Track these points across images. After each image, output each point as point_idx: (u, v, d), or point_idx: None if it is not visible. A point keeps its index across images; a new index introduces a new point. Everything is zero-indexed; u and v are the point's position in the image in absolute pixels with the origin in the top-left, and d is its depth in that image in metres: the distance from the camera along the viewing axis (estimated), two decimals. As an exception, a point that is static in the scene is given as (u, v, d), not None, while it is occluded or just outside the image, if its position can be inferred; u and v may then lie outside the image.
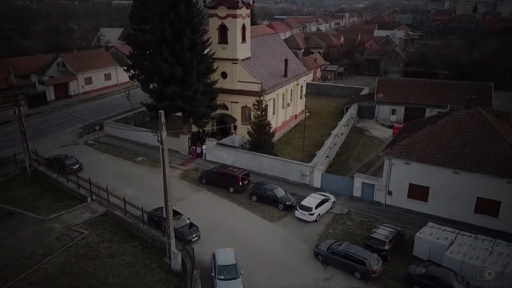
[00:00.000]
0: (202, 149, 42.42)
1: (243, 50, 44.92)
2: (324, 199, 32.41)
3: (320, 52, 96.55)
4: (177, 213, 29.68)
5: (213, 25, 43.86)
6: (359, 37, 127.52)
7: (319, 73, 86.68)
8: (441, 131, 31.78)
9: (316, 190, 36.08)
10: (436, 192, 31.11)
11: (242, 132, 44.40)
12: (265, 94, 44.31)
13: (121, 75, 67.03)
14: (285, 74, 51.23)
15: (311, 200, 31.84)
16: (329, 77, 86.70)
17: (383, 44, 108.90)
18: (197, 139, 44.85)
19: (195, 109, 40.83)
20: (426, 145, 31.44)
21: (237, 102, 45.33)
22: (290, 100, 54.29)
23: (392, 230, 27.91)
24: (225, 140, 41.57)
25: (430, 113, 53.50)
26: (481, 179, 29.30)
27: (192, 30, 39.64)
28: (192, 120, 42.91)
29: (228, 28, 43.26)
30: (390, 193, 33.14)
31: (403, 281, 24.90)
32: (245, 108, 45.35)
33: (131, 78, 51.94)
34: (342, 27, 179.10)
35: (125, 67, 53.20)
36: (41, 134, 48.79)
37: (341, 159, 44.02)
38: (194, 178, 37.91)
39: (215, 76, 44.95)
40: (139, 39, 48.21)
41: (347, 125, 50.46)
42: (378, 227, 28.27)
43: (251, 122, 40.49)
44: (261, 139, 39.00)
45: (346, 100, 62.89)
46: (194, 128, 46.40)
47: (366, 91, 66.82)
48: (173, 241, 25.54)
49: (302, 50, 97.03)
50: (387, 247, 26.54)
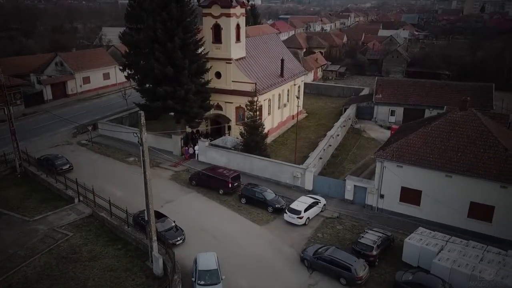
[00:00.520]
0: (194, 150, 41.91)
1: (237, 50, 44.33)
2: (314, 202, 31.74)
3: (322, 52, 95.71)
4: (162, 216, 29.25)
5: (207, 25, 43.33)
6: (363, 37, 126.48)
7: (320, 73, 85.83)
8: (434, 133, 30.95)
9: (308, 192, 35.45)
10: (429, 196, 30.29)
11: (236, 133, 43.85)
12: (259, 95, 43.65)
13: (120, 74, 66.26)
14: (281, 74, 50.56)
15: (300, 203, 31.18)
16: (330, 77, 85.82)
17: (386, 44, 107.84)
18: (190, 140, 44.39)
19: (187, 109, 40.31)
20: (419, 148, 30.64)
21: (231, 102, 44.75)
22: (287, 101, 53.60)
23: (380, 235, 27.16)
24: (217, 141, 41.03)
25: (429, 114, 52.48)
26: (474, 183, 28.44)
27: (184, 30, 39.16)
28: (184, 121, 42.32)
29: (222, 28, 42.70)
30: (382, 196, 32.38)
31: (390, 288, 24.22)
32: (239, 109, 44.75)
33: (127, 77, 51.71)
34: (347, 27, 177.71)
35: (121, 67, 52.96)
36: (35, 134, 48.65)
37: (335, 161, 43.28)
38: (185, 180, 37.41)
39: (209, 76, 44.45)
40: (134, 38, 47.88)
41: (344, 126, 49.65)
42: (367, 232, 27.53)
43: (243, 122, 39.88)
44: (254, 140, 38.37)
45: (345, 100, 62.04)
46: (188, 129, 45.99)
47: (366, 91, 65.93)
48: (155, 245, 25.03)
49: (304, 50, 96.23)
50: (374, 253, 25.82)
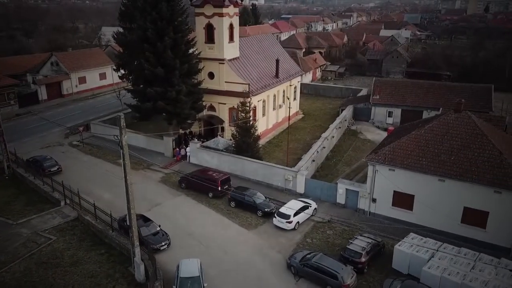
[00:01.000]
0: (186, 152, 41.26)
1: (230, 50, 43.65)
2: (304, 206, 31.00)
3: (321, 52, 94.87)
4: (147, 220, 28.64)
5: (199, 24, 42.69)
6: (364, 37, 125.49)
7: (319, 74, 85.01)
8: (427, 136, 30.14)
9: (300, 196, 34.75)
10: (422, 200, 29.47)
11: (230, 134, 43.14)
12: (252, 96, 43.03)
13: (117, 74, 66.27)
14: (277, 75, 49.82)
15: (290, 207, 30.46)
16: (329, 78, 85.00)
17: (387, 44, 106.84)
18: (183, 141, 43.75)
19: (178, 111, 39.69)
20: (412, 151, 29.84)
21: (224, 103, 44.08)
22: (283, 102, 52.87)
23: (370, 241, 26.40)
24: (209, 143, 40.37)
25: (427, 115, 51.55)
26: (468, 188, 27.61)
27: (175, 29, 38.54)
28: (176, 122, 41.68)
29: (214, 27, 42.04)
30: (374, 200, 31.60)
31: (378, 296, 23.48)
32: (232, 110, 44.07)
33: (121, 78, 51.16)
34: (348, 27, 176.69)
35: (114, 67, 52.46)
36: (27, 134, 48.20)
37: (330, 163, 42.52)
38: (175, 182, 36.77)
39: (202, 76, 43.83)
40: (128, 38, 47.32)
41: (339, 127, 48.86)
42: (356, 238, 26.78)
43: (235, 124, 39.18)
44: (245, 142, 37.67)
45: (342, 101, 61.24)
46: (182, 130, 45.36)
47: (364, 92, 65.05)
48: (137, 250, 24.38)
49: (303, 50, 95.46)
50: (363, 260, 25.07)
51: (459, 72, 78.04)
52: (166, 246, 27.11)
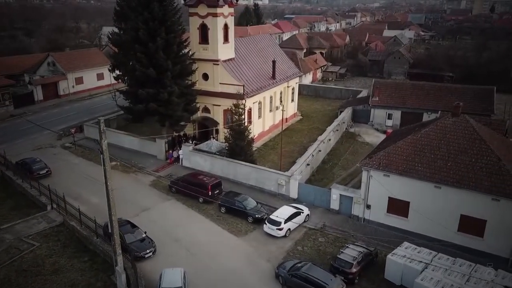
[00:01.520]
0: (179, 154, 40.43)
1: (225, 51, 42.74)
2: (296, 212, 30.08)
3: (322, 53, 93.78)
4: (133, 226, 27.83)
5: (193, 25, 41.81)
6: (367, 37, 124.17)
7: (319, 75, 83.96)
8: (424, 141, 29.10)
9: (293, 201, 33.83)
10: (417, 207, 28.44)
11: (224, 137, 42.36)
12: (247, 97, 42.12)
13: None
14: (273, 76, 48.88)
15: (281, 213, 29.54)
16: (330, 79, 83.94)
17: (390, 45, 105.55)
18: (177, 143, 42.92)
19: (170, 113, 38.87)
20: (407, 156, 28.82)
21: (219, 105, 43.20)
22: (280, 103, 51.89)
23: (362, 250, 25.41)
24: (201, 145, 39.52)
25: (427, 118, 50.49)
26: (465, 195, 26.56)
27: (167, 30, 37.70)
28: (168, 124, 40.87)
29: (209, 28, 41.15)
30: (368, 207, 30.60)
31: (369, 309, 22.51)
32: (227, 111, 43.17)
33: (116, 78, 50.42)
34: (351, 27, 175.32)
35: (109, 67, 51.72)
36: (20, 136, 47.58)
37: (326, 167, 41.53)
38: (165, 186, 35.89)
39: (196, 77, 43.00)
40: (122, 38, 46.57)
41: (337, 130, 47.84)
42: (347, 247, 25.79)
43: (228, 126, 38.28)
44: (239, 145, 36.76)
45: (341, 103, 60.19)
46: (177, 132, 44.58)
47: (364, 93, 63.94)
48: (119, 258, 23.53)
49: (304, 51, 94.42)
50: (354, 270, 24.09)
51: (462, 73, 76.72)
52: (151, 253, 26.27)
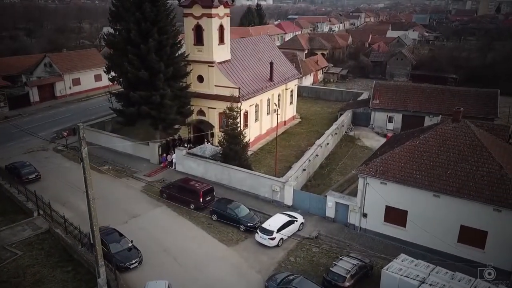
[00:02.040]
0: (172, 158, 39.44)
1: (220, 52, 41.71)
2: (289, 221, 28.99)
3: (324, 54, 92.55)
4: (119, 235, 26.81)
5: (188, 25, 40.83)
6: (370, 38, 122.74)
7: (320, 76, 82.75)
8: (422, 147, 27.91)
9: (288, 208, 32.75)
10: (415, 217, 27.28)
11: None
12: (243, 100, 41.09)
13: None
14: (271, 78, 47.80)
15: (274, 222, 28.47)
16: (331, 80, 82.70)
17: (393, 46, 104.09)
18: (172, 147, 41.92)
19: (163, 116, 37.89)
20: (405, 163, 27.64)
21: (214, 108, 42.16)
22: (278, 106, 50.77)
23: (356, 262, 24.28)
24: (195, 150, 38.50)
25: (429, 121, 49.25)
26: (465, 205, 25.39)
27: (160, 31, 36.72)
28: (161, 127, 39.88)
29: (203, 29, 40.13)
30: (365, 215, 29.45)
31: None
32: (222, 114, 42.05)
33: (111, 80, 49.53)
34: (354, 28, 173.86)
35: (104, 69, 50.86)
36: (13, 138, 46.68)
37: (323, 172, 40.39)
38: (157, 191, 34.87)
39: (191, 79, 42.01)
40: (116, 39, 45.69)
41: (336, 134, 46.66)
42: (341, 259, 24.64)
43: (222, 130, 37.20)
44: (233, 150, 35.69)
45: (341, 106, 59.00)
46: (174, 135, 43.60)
47: (365, 95, 62.65)
48: (102, 270, 22.59)
49: (306, 52, 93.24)
50: (347, 284, 22.98)
51: (466, 75, 75.21)
52: (136, 264, 25.25)
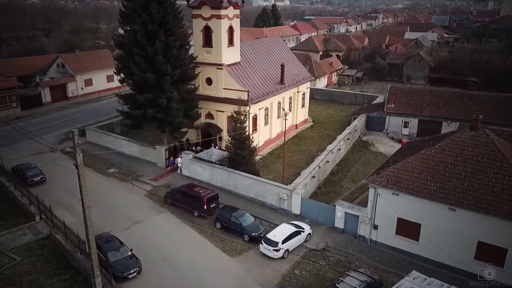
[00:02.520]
0: (178, 162, 38.61)
1: (230, 54, 40.72)
2: (296, 231, 27.75)
3: (339, 56, 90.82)
4: (119, 243, 26.00)
5: (197, 27, 39.97)
6: (387, 39, 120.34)
7: (335, 78, 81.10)
8: (438, 157, 26.34)
9: (295, 217, 31.52)
10: (429, 230, 25.73)
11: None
12: (252, 104, 40.04)
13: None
14: (281, 81, 46.60)
15: (279, 232, 27.28)
16: (346, 82, 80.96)
17: (410, 48, 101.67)
18: (179, 150, 41.09)
19: (169, 119, 37.09)
20: (419, 173, 26.12)
21: (223, 111, 41.18)
22: (289, 109, 49.56)
23: (364, 279, 22.89)
24: (202, 154, 37.58)
25: (447, 127, 47.45)
26: (483, 219, 23.74)
27: (167, 33, 35.92)
28: (168, 131, 39.10)
29: (212, 30, 39.22)
30: (375, 227, 28.01)
31: None
32: (231, 118, 41.12)
33: (121, 81, 49.08)
34: (371, 29, 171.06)
35: (114, 70, 50.44)
36: (22, 139, 46.55)
37: (334, 179, 39.01)
38: (161, 197, 34.07)
39: (199, 82, 41.15)
40: (126, 40, 45.17)
41: (348, 139, 45.16)
42: (348, 275, 23.30)
43: (230, 135, 36.16)
44: (239, 155, 34.64)
45: (355, 109, 57.40)
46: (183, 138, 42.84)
47: (380, 99, 60.89)
48: (98, 280, 21.81)
49: (320, 53, 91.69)
50: (354, 302, 21.66)
51: (486, 78, 72.54)
52: (135, 274, 24.38)
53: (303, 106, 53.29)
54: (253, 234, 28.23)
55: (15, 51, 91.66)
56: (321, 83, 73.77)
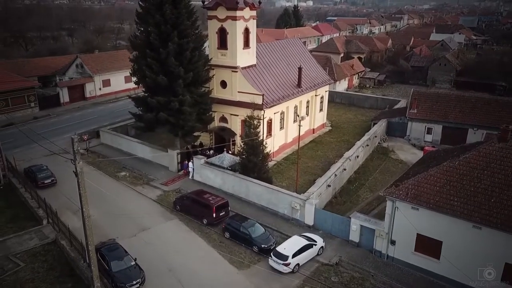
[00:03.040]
0: (189, 167, 37.70)
1: (245, 57, 39.58)
2: (307, 245, 26.33)
3: (360, 58, 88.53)
4: (122, 251, 25.17)
5: (212, 28, 38.99)
6: (411, 41, 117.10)
7: (356, 81, 78.96)
8: (462, 170, 24.47)
9: (308, 228, 30.09)
10: (451, 249, 23.92)
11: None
12: (266, 108, 38.80)
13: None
14: (299, 84, 45.16)
15: (290, 245, 25.94)
16: (367, 86, 78.71)
17: (436, 50, 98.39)
18: (192, 154, 40.17)
19: (181, 123, 36.23)
20: (441, 187, 24.32)
21: (237, 115, 40.07)
22: (306, 113, 48.08)
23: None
24: (213, 159, 36.56)
25: (473, 135, 45.10)
26: (511, 240, 21.80)
27: (180, 34, 35.05)
28: (180, 134, 38.25)
29: (227, 32, 38.18)
30: (393, 242, 26.31)
31: None
32: (245, 122, 40.02)
33: (136, 83, 48.65)
34: (395, 30, 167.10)
35: (130, 71, 50.07)
36: (37, 139, 46.64)
37: (351, 188, 37.34)
38: (171, 202, 33.18)
39: (214, 84, 40.19)
40: (140, 42, 44.65)
41: (367, 145, 43.33)
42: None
43: (242, 141, 34.96)
44: (252, 161, 33.43)
45: (375, 114, 55.39)
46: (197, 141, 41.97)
47: (402, 103, 58.66)
48: (98, 292, 21.04)
49: (341, 55, 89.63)
50: (367, 326, 20.13)
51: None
52: (138, 285, 23.45)
53: (321, 110, 51.68)
54: (263, 246, 26.95)
55: (40, 51, 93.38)
56: (341, 86, 71.86)
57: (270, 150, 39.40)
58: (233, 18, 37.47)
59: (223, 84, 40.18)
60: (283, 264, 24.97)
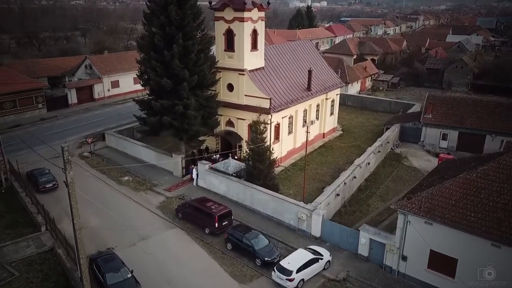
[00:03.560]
0: (193, 173, 36.60)
1: (253, 59, 38.34)
2: (313, 259, 25.00)
3: (374, 60, 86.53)
4: (119, 263, 24.14)
5: (219, 30, 37.87)
6: (427, 42, 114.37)
7: (369, 83, 77.06)
8: (480, 183, 22.82)
9: (315, 239, 28.72)
10: (467, 267, 22.31)
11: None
12: (274, 112, 37.51)
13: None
14: (308, 88, 43.74)
15: (294, 260, 24.62)
16: (380, 88, 76.73)
17: (453, 52, 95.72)
18: (197, 159, 39.14)
19: (186, 127, 35.18)
20: (457, 201, 22.72)
21: (244, 119, 38.86)
22: (316, 117, 46.63)
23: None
24: (218, 165, 35.41)
25: (491, 141, 43.13)
26: (533, 261, 20.16)
27: (185, 36, 33.99)
28: (185, 139, 37.20)
29: (235, 34, 37.00)
30: (404, 258, 24.78)
31: None
32: (252, 126, 38.78)
33: (143, 85, 47.84)
34: (411, 31, 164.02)
35: (137, 73, 49.28)
36: (44, 140, 46.26)
37: (361, 196, 35.78)
38: (173, 210, 32.14)
39: (220, 88, 39.07)
40: (145, 43, 43.80)
41: (379, 152, 41.69)
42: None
43: (248, 147, 33.68)
44: (257, 168, 32.18)
45: (388, 118, 53.60)
46: (204, 145, 40.92)
47: (417, 107, 56.69)
48: (90, 307, 20.04)
49: (354, 57, 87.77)
50: None
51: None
52: (133, 299, 22.47)
53: (332, 114, 50.15)
54: (266, 259, 25.69)
55: (52, 51, 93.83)
56: (354, 89, 70.11)
57: (277, 156, 38.08)
58: (240, 20, 36.28)
59: (230, 87, 39.01)
60: (287, 279, 23.66)
